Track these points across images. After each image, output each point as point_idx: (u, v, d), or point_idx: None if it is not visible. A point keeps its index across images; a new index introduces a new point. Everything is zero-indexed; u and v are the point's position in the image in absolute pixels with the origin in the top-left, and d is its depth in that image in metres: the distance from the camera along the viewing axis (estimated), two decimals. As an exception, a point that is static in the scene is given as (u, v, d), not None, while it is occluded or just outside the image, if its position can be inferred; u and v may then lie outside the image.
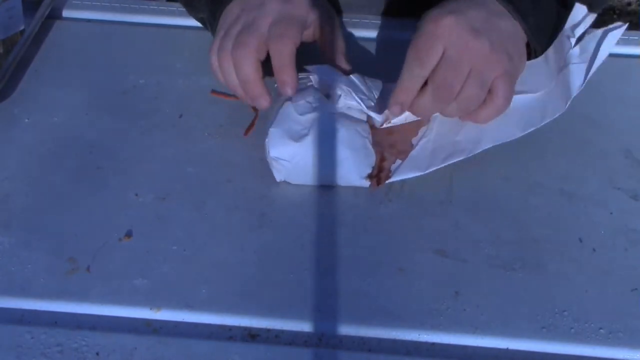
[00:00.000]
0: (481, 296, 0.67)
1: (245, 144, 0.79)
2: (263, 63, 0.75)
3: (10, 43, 0.88)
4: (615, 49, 0.87)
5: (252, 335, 0.64)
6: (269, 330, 0.65)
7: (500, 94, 0.72)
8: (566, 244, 0.71)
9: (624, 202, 0.75)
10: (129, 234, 0.71)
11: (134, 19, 0.96)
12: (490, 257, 0.70)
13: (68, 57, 0.90)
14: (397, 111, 0.74)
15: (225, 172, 0.77)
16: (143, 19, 0.96)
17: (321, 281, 0.67)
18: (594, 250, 0.71)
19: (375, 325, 0.65)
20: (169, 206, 0.73)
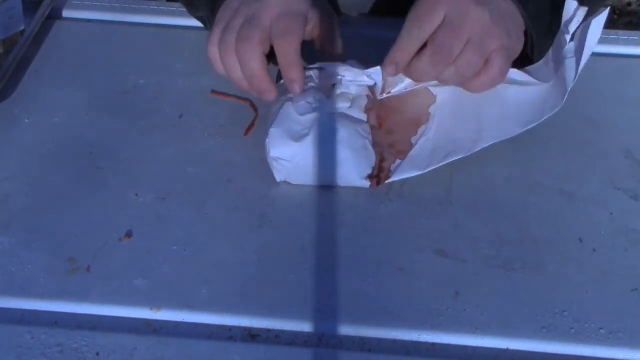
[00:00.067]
0: (481, 296, 0.67)
1: (245, 144, 0.79)
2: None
3: (10, 43, 0.88)
4: (615, 49, 0.87)
5: (252, 335, 0.64)
6: (269, 330, 0.65)
7: (496, 66, 0.72)
8: (566, 244, 0.71)
9: (624, 202, 0.75)
10: (129, 234, 0.71)
11: (134, 19, 0.96)
12: (490, 257, 0.70)
13: (68, 57, 0.90)
14: (392, 71, 0.74)
15: (225, 172, 0.77)
16: (143, 19, 0.96)
17: (321, 281, 0.67)
18: (594, 250, 0.71)
19: (375, 325, 0.65)
20: (169, 206, 0.73)
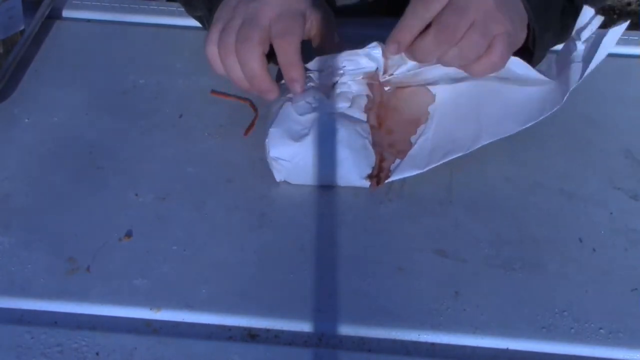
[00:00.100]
0: (481, 296, 0.67)
1: (245, 144, 0.79)
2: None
3: (10, 43, 0.88)
4: (615, 49, 0.87)
5: (252, 335, 0.64)
6: (268, 330, 0.65)
7: (497, 51, 0.72)
8: (566, 244, 0.71)
9: (624, 202, 0.75)
10: (129, 234, 0.71)
11: (134, 19, 0.96)
12: (490, 257, 0.70)
13: (68, 57, 0.90)
14: (394, 50, 0.74)
15: (225, 172, 0.77)
16: (143, 19, 0.96)
17: (321, 281, 0.67)
18: (594, 250, 0.71)
19: (375, 325, 0.65)
20: (169, 206, 0.73)
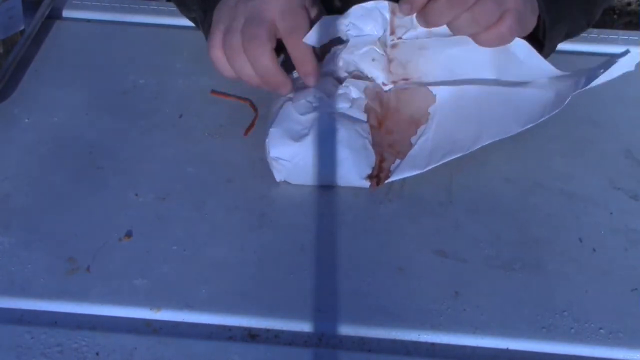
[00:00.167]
0: (481, 296, 0.67)
1: (245, 144, 0.79)
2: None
3: (10, 43, 0.88)
4: (615, 49, 0.87)
5: (252, 335, 0.64)
6: (268, 330, 0.65)
7: (507, 23, 0.73)
8: (566, 244, 0.71)
9: (624, 202, 0.75)
10: (129, 234, 0.71)
11: (134, 19, 0.96)
12: (490, 257, 0.70)
13: (68, 57, 0.90)
14: (406, 10, 0.75)
15: (225, 172, 0.77)
16: (143, 19, 0.96)
17: (321, 281, 0.67)
18: (594, 250, 0.71)
19: (375, 325, 0.65)
20: (169, 206, 0.73)
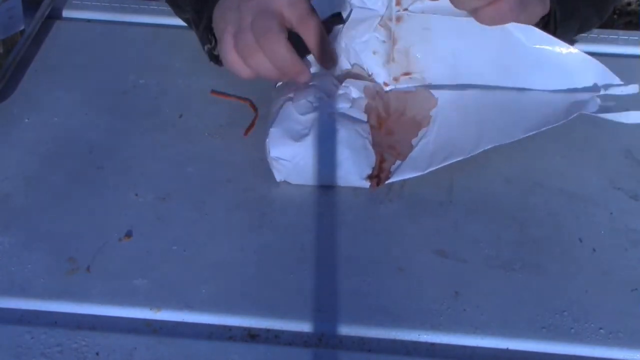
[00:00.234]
0: (481, 296, 0.67)
1: (245, 144, 0.79)
2: None
3: (10, 43, 0.88)
4: (615, 49, 0.87)
5: (252, 335, 0.64)
6: (268, 330, 0.65)
7: (509, 1, 0.73)
8: (566, 244, 0.71)
9: (624, 202, 0.75)
10: (129, 234, 0.71)
11: (134, 19, 0.96)
12: (490, 257, 0.70)
13: (68, 57, 0.90)
14: None
15: (225, 172, 0.77)
16: (143, 19, 0.96)
17: (321, 281, 0.67)
18: (594, 250, 0.71)
19: (375, 325, 0.65)
20: (169, 206, 0.73)
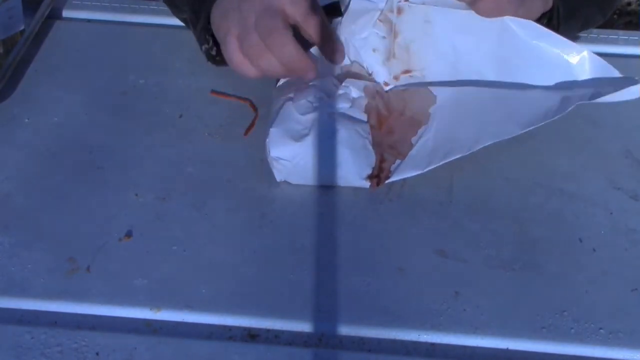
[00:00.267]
0: (481, 296, 0.67)
1: (245, 144, 0.79)
2: None
3: (10, 43, 0.88)
4: (615, 49, 0.87)
5: (252, 335, 0.64)
6: (268, 330, 0.65)
7: None
8: (566, 244, 0.71)
9: (624, 202, 0.75)
10: (129, 234, 0.71)
11: (134, 19, 0.96)
12: (490, 257, 0.70)
13: (68, 57, 0.90)
14: None
15: (225, 172, 0.77)
16: (143, 19, 0.96)
17: (321, 281, 0.67)
18: (594, 250, 0.71)
19: (375, 325, 0.65)
20: (169, 206, 0.73)
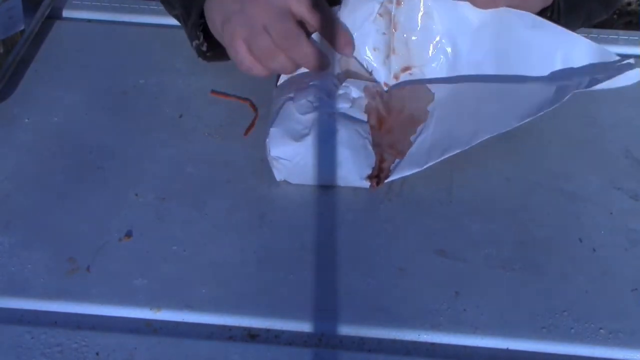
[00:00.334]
0: (481, 296, 0.67)
1: (245, 144, 0.79)
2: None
3: (10, 43, 0.88)
4: (615, 49, 0.87)
5: (252, 335, 0.64)
6: (268, 330, 0.65)
7: None
8: (566, 244, 0.71)
9: (624, 202, 0.75)
10: (129, 234, 0.71)
11: (134, 19, 0.96)
12: (490, 257, 0.70)
13: (68, 57, 0.90)
14: None
15: (225, 172, 0.77)
16: (143, 19, 0.96)
17: (321, 281, 0.67)
18: (594, 250, 0.71)
19: (375, 325, 0.65)
20: (169, 206, 0.73)
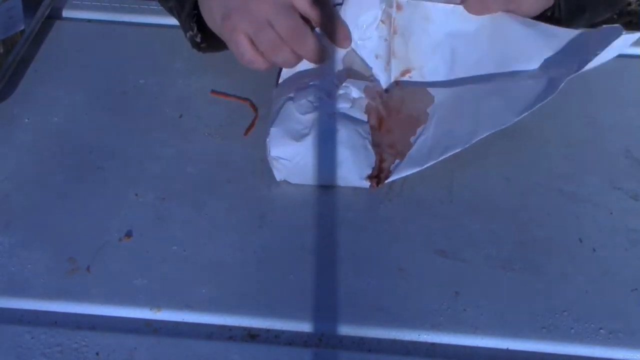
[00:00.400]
0: (481, 296, 0.67)
1: (245, 144, 0.79)
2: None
3: (10, 43, 0.88)
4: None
5: (252, 335, 0.64)
6: (268, 330, 0.65)
7: None
8: (566, 244, 0.71)
9: (624, 202, 0.75)
10: (129, 234, 0.71)
11: (134, 19, 0.96)
12: (490, 257, 0.70)
13: (68, 57, 0.90)
14: None
15: (225, 172, 0.77)
16: (143, 19, 0.96)
17: (321, 281, 0.67)
18: (594, 250, 0.71)
19: (374, 325, 0.65)
20: (169, 206, 0.73)
